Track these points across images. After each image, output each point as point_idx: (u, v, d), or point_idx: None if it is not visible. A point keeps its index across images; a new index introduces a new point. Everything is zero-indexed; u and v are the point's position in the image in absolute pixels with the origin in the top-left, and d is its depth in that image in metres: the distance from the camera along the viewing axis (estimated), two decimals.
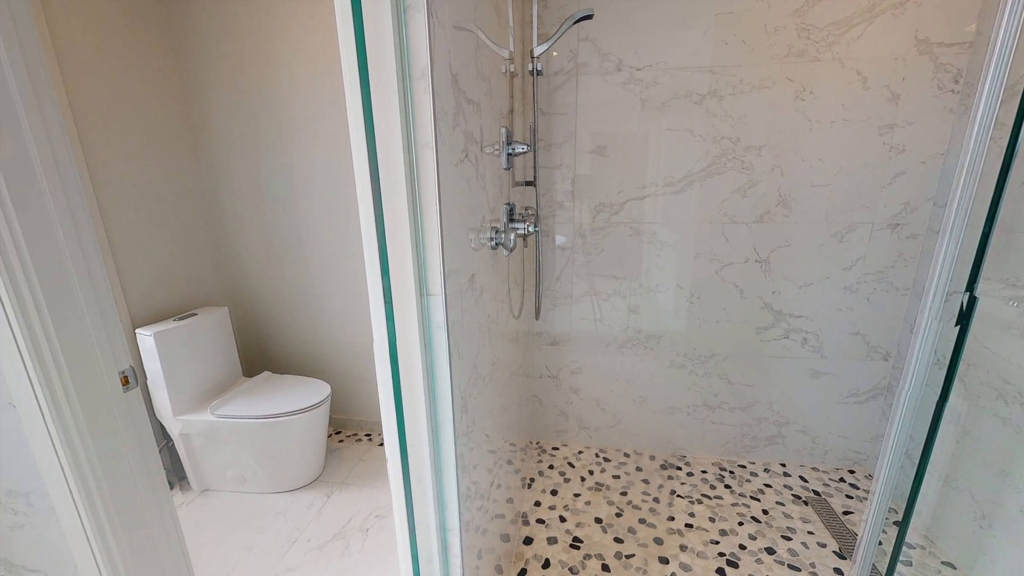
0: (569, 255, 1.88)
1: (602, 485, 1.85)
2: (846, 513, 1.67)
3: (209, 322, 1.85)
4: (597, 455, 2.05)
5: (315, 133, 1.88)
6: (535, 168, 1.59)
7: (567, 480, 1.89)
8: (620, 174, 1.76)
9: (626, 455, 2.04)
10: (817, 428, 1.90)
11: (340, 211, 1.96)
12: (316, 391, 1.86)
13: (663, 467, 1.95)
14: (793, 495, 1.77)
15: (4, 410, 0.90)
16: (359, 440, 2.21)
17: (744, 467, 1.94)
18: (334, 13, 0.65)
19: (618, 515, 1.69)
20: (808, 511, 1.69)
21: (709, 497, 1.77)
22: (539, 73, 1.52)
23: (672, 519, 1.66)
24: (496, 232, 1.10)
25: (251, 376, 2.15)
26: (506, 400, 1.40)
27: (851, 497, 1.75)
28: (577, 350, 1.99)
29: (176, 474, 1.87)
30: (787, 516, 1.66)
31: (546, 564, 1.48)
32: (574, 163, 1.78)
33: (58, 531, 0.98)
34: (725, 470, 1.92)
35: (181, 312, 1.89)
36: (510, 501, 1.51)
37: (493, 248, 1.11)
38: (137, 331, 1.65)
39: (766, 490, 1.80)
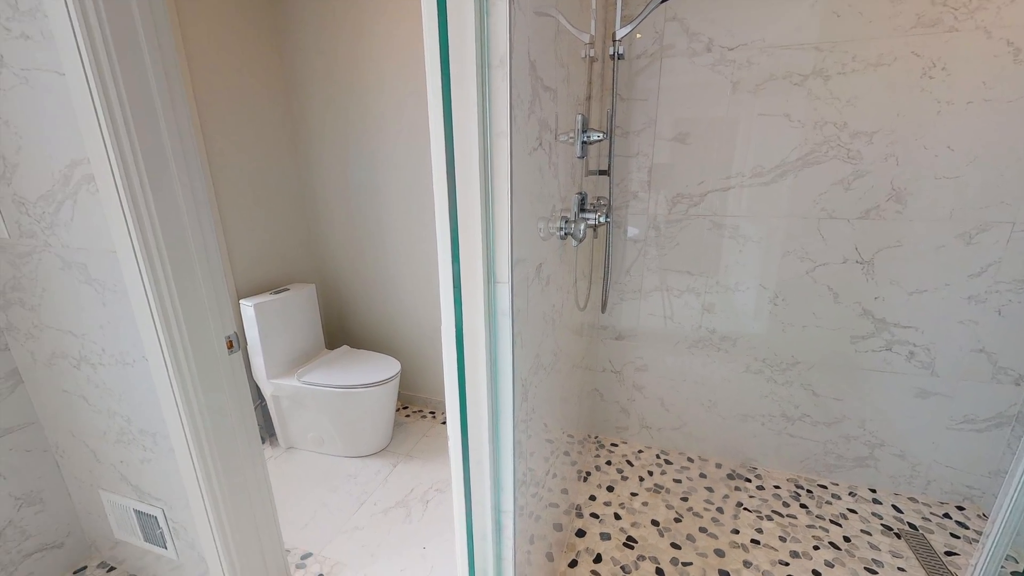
0: (641, 248, 1.81)
1: (661, 487, 1.79)
2: (949, 554, 1.46)
3: (299, 297, 2.04)
4: (658, 456, 1.98)
5: (397, 123, 1.97)
6: (610, 156, 1.54)
7: (624, 478, 1.85)
8: (702, 163, 1.65)
9: (689, 460, 1.95)
10: (919, 454, 1.68)
11: (417, 199, 2.05)
12: (388, 367, 1.98)
13: (730, 477, 1.84)
14: (883, 525, 1.59)
15: (139, 362, 1.07)
16: (424, 417, 2.33)
17: (824, 487, 1.77)
18: (420, 6, 0.67)
19: (677, 520, 1.62)
20: (900, 545, 1.50)
21: (781, 515, 1.64)
22: (620, 57, 1.46)
23: (737, 532, 1.56)
24: (566, 222, 1.09)
25: (332, 349, 2.35)
26: (566, 391, 1.39)
27: (957, 536, 1.53)
28: (643, 346, 1.93)
29: (267, 431, 2.10)
30: (873, 547, 1.50)
31: (598, 559, 1.47)
32: (652, 151, 1.70)
33: (175, 468, 1.15)
34: (801, 488, 1.77)
35: (276, 287, 2.09)
36: (565, 492, 1.51)
37: (562, 238, 1.10)
38: (240, 302, 1.86)
39: (850, 515, 1.63)
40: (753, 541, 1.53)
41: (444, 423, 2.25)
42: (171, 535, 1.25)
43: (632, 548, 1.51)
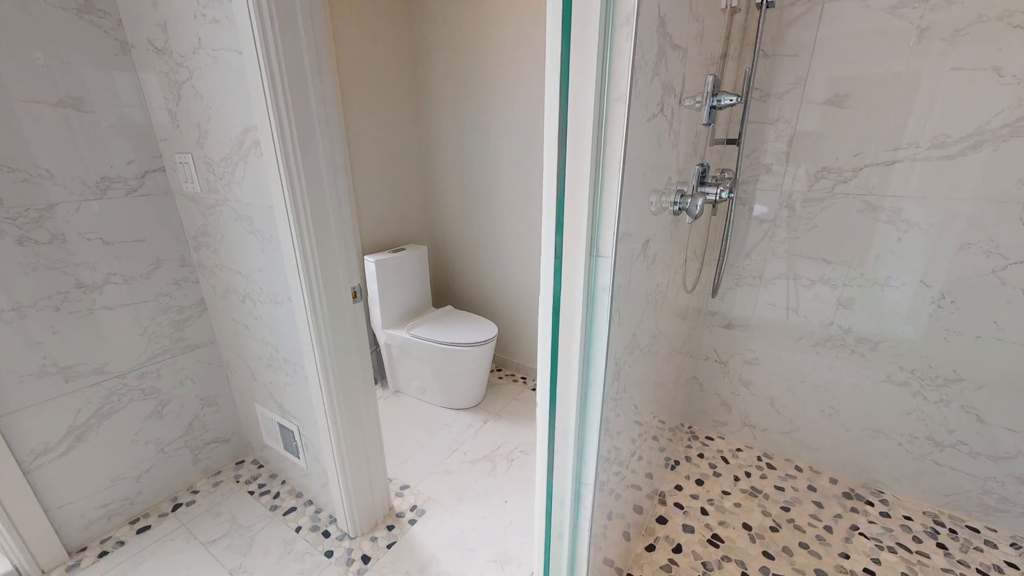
0: (768, 229, 1.61)
1: (759, 492, 1.65)
2: None
3: (413, 257, 2.21)
4: (759, 458, 1.82)
5: (513, 91, 1.97)
6: (742, 123, 1.37)
7: (717, 475, 1.74)
8: (861, 131, 1.38)
9: (797, 468, 1.76)
10: None
11: (526, 167, 2.06)
12: (486, 330, 2.08)
13: (847, 496, 1.63)
14: None
15: (286, 302, 1.26)
16: (515, 381, 2.42)
17: (975, 531, 1.48)
18: None
19: (773, 529, 1.49)
20: None
21: (908, 550, 1.41)
22: (770, 5, 1.26)
23: (847, 557, 1.39)
24: (681, 196, 1.01)
25: (438, 307, 2.53)
26: (662, 376, 1.33)
27: None
28: (757, 338, 1.75)
29: (379, 374, 2.37)
30: None
31: (678, 549, 1.43)
32: (796, 117, 1.47)
33: (308, 393, 1.36)
34: (942, 525, 1.50)
35: (394, 246, 2.30)
36: (649, 476, 1.48)
37: (675, 213, 1.02)
38: (364, 257, 2.08)
39: (1007, 570, 1.34)
40: (867, 571, 1.35)
41: (534, 390, 2.32)
42: (303, 448, 1.50)
43: (717, 547, 1.43)
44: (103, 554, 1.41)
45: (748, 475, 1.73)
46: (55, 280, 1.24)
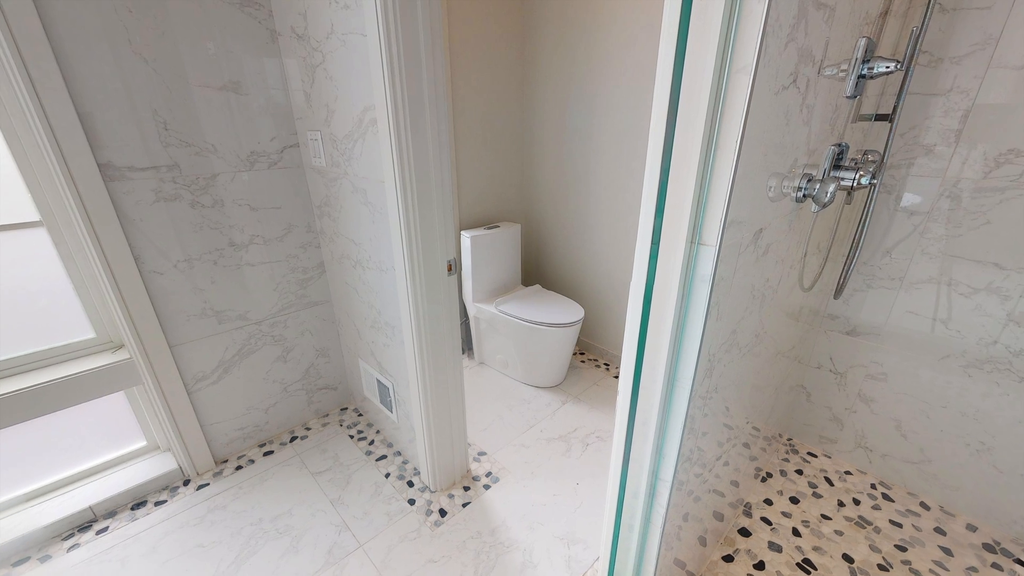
0: (919, 223, 1.36)
1: (869, 523, 1.45)
2: None
3: (507, 235, 2.26)
4: (874, 486, 1.59)
5: (621, 63, 1.87)
6: (899, 95, 1.15)
7: (817, 496, 1.56)
8: None
9: (923, 505, 1.51)
10: None
11: (629, 144, 1.96)
12: (572, 312, 2.07)
13: (988, 548, 1.36)
14: None
15: (389, 270, 1.37)
16: (598, 366, 2.39)
17: None
18: None
19: (883, 568, 1.31)
20: None
21: None
22: None
23: None
24: (808, 181, 0.89)
25: (527, 286, 2.57)
26: (762, 379, 1.22)
27: None
28: (888, 350, 1.51)
29: (466, 345, 2.49)
30: None
31: (760, 566, 1.32)
32: (978, 86, 1.20)
33: (403, 355, 1.48)
34: None
35: (489, 223, 2.36)
36: (735, 484, 1.37)
37: (798, 200, 0.91)
38: (461, 232, 2.18)
39: None
40: None
41: (616, 377, 2.27)
42: (396, 404, 1.65)
43: (807, 573, 1.30)
44: (239, 467, 1.70)
45: (857, 502, 1.53)
46: (215, 238, 1.49)
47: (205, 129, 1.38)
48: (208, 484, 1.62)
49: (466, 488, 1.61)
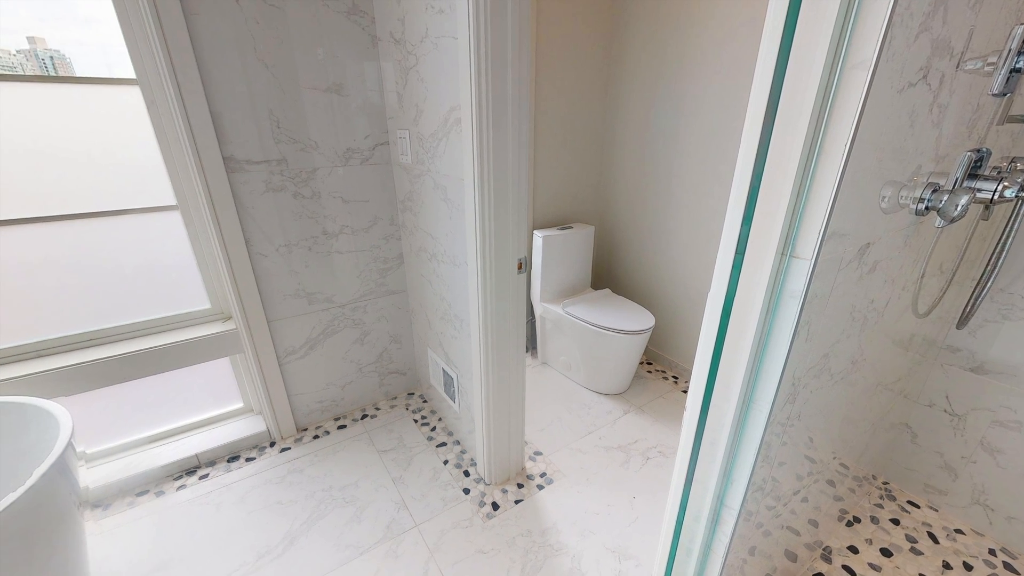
0: None
1: None
2: None
3: (579, 236, 2.24)
4: (993, 552, 1.36)
5: (716, 61, 1.77)
6: None
7: (916, 552, 1.36)
8: None
9: None
10: None
11: (718, 146, 1.85)
12: (642, 319, 2.00)
13: None
14: None
15: (462, 265, 1.42)
16: (665, 378, 2.28)
17: None
18: None
19: None
20: None
21: None
22: None
23: None
24: (934, 191, 0.78)
25: (596, 289, 2.52)
26: (856, 412, 1.09)
27: None
28: (1023, 394, 1.27)
29: (530, 344, 2.51)
30: None
31: None
32: None
33: (469, 348, 1.52)
34: None
35: (563, 224, 2.35)
36: (813, 523, 1.24)
37: (919, 213, 0.80)
38: (533, 232, 2.19)
39: None
40: None
41: (685, 392, 2.15)
42: (459, 394, 1.71)
43: None
44: (315, 436, 1.86)
45: (968, 567, 1.32)
46: (310, 227, 1.64)
47: (310, 127, 1.52)
48: (290, 448, 1.79)
49: (519, 485, 1.62)
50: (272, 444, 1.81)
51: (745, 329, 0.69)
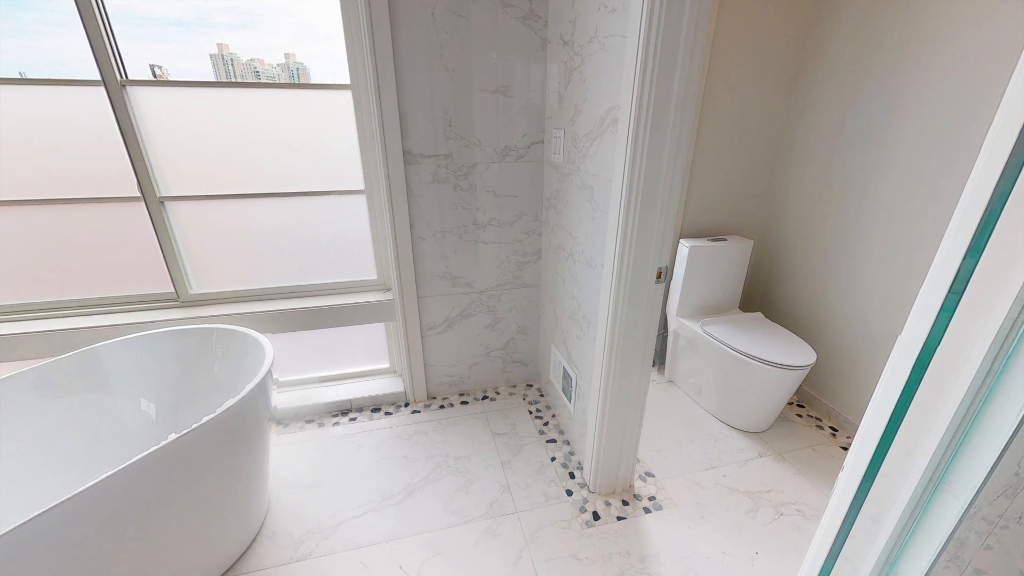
0: None
1: None
2: None
3: (733, 250, 2.02)
4: None
5: (959, 46, 1.40)
6: None
7: None
8: None
9: None
10: None
11: (942, 154, 1.48)
12: (800, 353, 1.72)
13: None
14: None
15: (597, 267, 1.40)
16: (819, 428, 1.93)
17: None
18: None
19: None
20: None
21: None
22: None
23: None
24: None
25: (745, 311, 2.25)
26: None
27: None
28: None
29: (658, 359, 2.36)
30: None
31: None
32: None
33: (592, 351, 1.50)
34: None
35: (715, 235, 2.15)
36: None
37: None
38: (680, 240, 2.05)
39: None
40: None
41: (844, 448, 1.79)
42: (576, 395, 1.70)
43: None
44: (441, 406, 2.05)
45: None
46: (463, 217, 1.80)
47: (476, 126, 1.67)
48: (419, 412, 2.01)
49: (624, 502, 1.55)
50: (406, 404, 2.06)
51: (948, 388, 0.54)
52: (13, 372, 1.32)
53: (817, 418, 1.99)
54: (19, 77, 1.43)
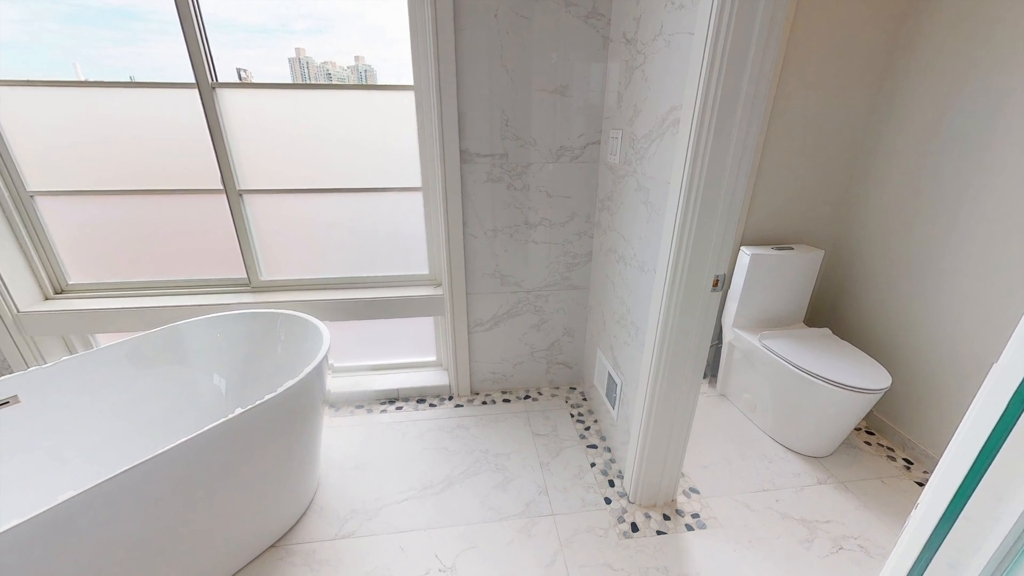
0: None
1: None
2: None
3: (800, 260, 1.88)
4: None
5: None
6: None
7: None
8: None
9: None
10: None
11: None
12: (873, 377, 1.58)
13: None
14: None
15: (650, 272, 1.36)
16: (891, 459, 1.76)
17: None
18: None
19: None
20: None
21: None
22: None
23: None
24: None
25: (810, 326, 2.10)
26: None
27: None
28: None
29: (711, 370, 2.25)
30: None
31: None
32: None
33: (640, 358, 1.46)
34: None
35: (780, 243, 2.01)
36: None
37: None
38: (741, 248, 1.94)
39: None
40: None
41: (920, 484, 1.62)
42: (620, 402, 1.66)
43: None
44: (483, 402, 2.08)
45: None
46: (515, 216, 1.81)
47: (532, 126, 1.67)
48: (462, 406, 2.05)
49: (666, 517, 1.50)
50: (450, 398, 2.10)
51: None
52: (111, 343, 1.50)
53: (889, 448, 1.82)
54: (129, 81, 1.61)
